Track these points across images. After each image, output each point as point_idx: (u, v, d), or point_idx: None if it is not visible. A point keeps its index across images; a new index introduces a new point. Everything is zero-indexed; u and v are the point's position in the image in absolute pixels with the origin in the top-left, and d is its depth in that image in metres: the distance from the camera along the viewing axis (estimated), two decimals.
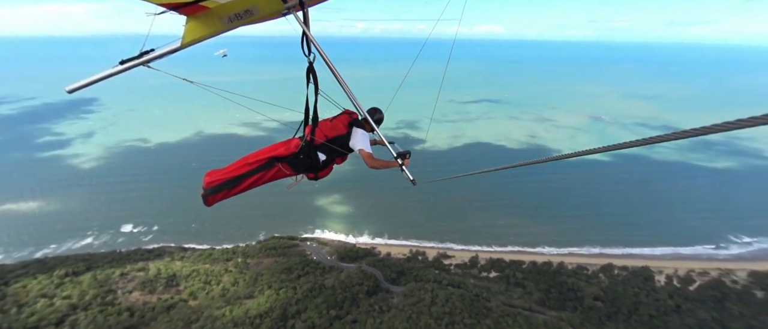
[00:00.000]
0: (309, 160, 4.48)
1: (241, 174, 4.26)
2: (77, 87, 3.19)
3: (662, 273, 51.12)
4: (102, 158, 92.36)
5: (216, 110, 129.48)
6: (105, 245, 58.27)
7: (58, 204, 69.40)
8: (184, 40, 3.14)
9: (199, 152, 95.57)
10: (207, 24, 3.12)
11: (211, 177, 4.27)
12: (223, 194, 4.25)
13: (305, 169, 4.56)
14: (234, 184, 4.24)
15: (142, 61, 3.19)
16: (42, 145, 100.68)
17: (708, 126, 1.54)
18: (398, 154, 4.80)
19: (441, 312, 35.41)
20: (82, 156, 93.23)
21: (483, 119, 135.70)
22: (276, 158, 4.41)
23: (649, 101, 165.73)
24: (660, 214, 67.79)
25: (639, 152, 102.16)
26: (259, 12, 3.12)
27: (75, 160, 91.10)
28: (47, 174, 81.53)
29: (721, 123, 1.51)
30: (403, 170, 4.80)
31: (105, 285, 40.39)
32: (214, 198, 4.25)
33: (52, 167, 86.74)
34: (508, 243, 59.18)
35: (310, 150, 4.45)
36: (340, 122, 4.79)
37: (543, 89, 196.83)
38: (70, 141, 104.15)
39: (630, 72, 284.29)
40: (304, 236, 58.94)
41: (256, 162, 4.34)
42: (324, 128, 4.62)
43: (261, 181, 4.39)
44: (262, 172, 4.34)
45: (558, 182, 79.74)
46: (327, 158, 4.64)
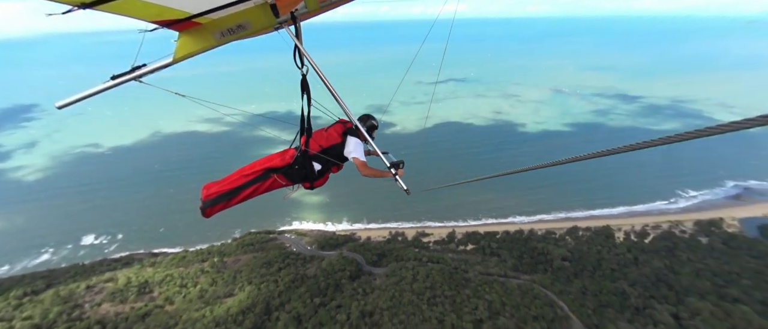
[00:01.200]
0: (304, 170, 4.58)
1: (237, 186, 4.36)
2: (68, 103, 3.10)
3: (621, 230, 55.69)
4: (49, 169, 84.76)
5: (172, 108, 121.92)
6: (65, 259, 54.38)
7: (3, 222, 63.43)
8: (177, 55, 3.13)
9: (160, 154, 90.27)
10: (199, 39, 3.13)
11: (208, 190, 4.36)
12: (221, 205, 4.36)
13: (301, 179, 4.64)
14: (231, 196, 4.35)
15: (134, 76, 3.14)
16: None
17: (724, 124, 1.65)
18: (392, 164, 4.88)
19: (422, 287, 36.65)
20: (26, 168, 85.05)
21: (451, 98, 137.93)
22: (271, 169, 4.49)
23: (604, 71, 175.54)
24: (617, 177, 73.23)
25: (596, 120, 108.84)
26: (252, 27, 3.15)
27: (18, 173, 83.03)
28: None
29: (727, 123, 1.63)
30: (397, 179, 4.89)
31: (70, 301, 37.93)
32: (212, 210, 4.35)
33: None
34: (482, 216, 61.80)
35: (306, 160, 4.54)
36: (334, 131, 4.86)
37: (507, 65, 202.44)
38: (9, 153, 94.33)
39: (587, 45, 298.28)
40: (281, 229, 58.12)
41: (252, 174, 4.43)
42: (319, 138, 4.69)
43: (257, 192, 4.49)
44: (258, 183, 4.44)
45: (523, 156, 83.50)
46: (322, 167, 4.72)
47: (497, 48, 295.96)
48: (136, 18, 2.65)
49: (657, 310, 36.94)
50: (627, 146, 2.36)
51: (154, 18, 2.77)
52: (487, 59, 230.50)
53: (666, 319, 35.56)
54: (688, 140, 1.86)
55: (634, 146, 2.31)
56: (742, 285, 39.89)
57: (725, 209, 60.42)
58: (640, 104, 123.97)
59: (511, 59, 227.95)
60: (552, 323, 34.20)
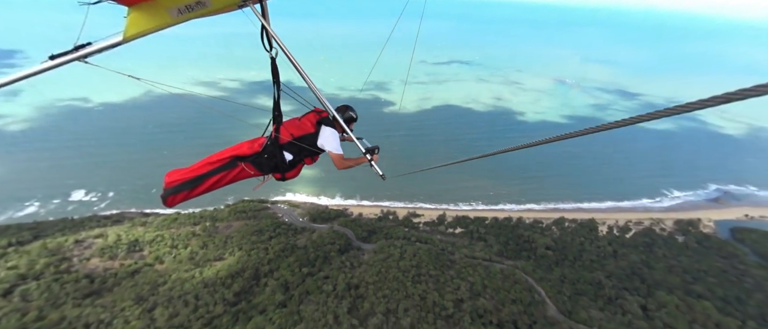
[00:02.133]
0: (274, 159, 4.34)
1: (202, 174, 4.13)
2: (1, 84, 2.90)
3: (605, 224, 57.38)
4: (33, 120, 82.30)
5: (168, 66, 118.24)
6: (53, 213, 54.09)
7: None
8: (127, 34, 2.80)
9: (153, 114, 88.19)
10: (152, 16, 2.78)
11: (171, 177, 4.12)
12: (183, 194, 4.12)
13: (270, 169, 4.42)
14: (195, 184, 4.11)
15: (78, 56, 2.86)
16: None
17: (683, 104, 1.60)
18: (367, 149, 4.70)
19: (408, 265, 37.63)
20: (8, 117, 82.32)
21: (453, 81, 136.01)
22: (239, 157, 4.26)
23: (608, 65, 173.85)
24: (608, 172, 74.55)
25: (594, 114, 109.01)
26: (212, 4, 2.80)
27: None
28: None
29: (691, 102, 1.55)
30: (373, 165, 4.72)
31: (58, 254, 38.13)
32: (174, 199, 4.10)
33: None
34: (474, 202, 62.77)
35: (275, 149, 4.31)
36: (307, 120, 4.59)
37: (512, 51, 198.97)
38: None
39: (594, 36, 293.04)
40: (275, 199, 58.33)
41: (218, 162, 4.20)
42: (290, 127, 4.42)
43: (223, 181, 4.26)
44: (224, 172, 4.20)
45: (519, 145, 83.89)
46: (294, 157, 4.48)
47: (505, 32, 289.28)
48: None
49: (628, 301, 38.88)
50: (569, 134, 2.33)
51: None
52: (493, 43, 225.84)
53: (635, 310, 37.55)
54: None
55: (572, 134, 2.33)
56: (707, 283, 42.27)
57: (704, 210, 62.83)
58: (638, 101, 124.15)
59: (518, 45, 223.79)
60: (529, 307, 35.70)
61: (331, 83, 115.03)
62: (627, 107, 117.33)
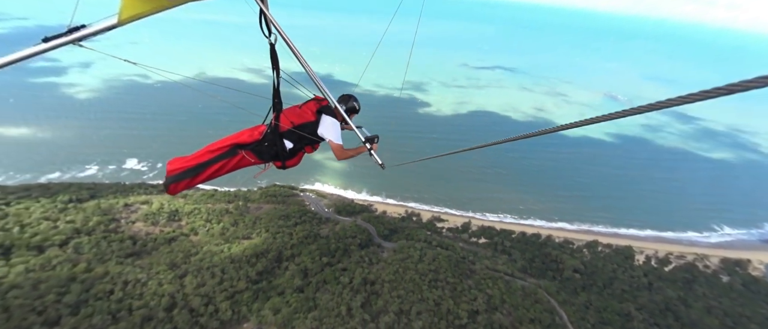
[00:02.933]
0: (274, 147, 4.32)
1: (203, 162, 4.13)
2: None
3: (643, 253, 53.37)
4: (99, 91, 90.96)
5: (221, 51, 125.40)
6: (108, 176, 59.73)
7: (52, 132, 69.70)
8: (122, 16, 2.65)
9: (203, 95, 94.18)
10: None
11: (173, 165, 4.13)
12: (185, 182, 4.13)
13: (271, 157, 4.40)
14: (196, 172, 4.11)
15: (72, 38, 2.73)
16: (35, 70, 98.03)
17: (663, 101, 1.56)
18: (366, 138, 4.67)
19: (426, 269, 37.33)
20: (78, 86, 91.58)
21: (494, 86, 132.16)
22: (239, 145, 4.25)
23: (667, 84, 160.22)
24: (653, 199, 68.98)
25: (644, 135, 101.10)
26: None
27: (70, 89, 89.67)
28: (41, 101, 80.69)
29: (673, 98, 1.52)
30: (372, 154, 4.65)
31: (109, 214, 42.05)
32: (176, 187, 4.12)
33: (46, 94, 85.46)
34: (502, 213, 60.82)
35: (275, 137, 4.28)
36: (308, 108, 4.58)
37: (561, 60, 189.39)
38: (65, 69, 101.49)
39: (654, 52, 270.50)
40: (304, 187, 60.25)
41: (219, 150, 4.19)
42: (291, 115, 4.41)
43: (224, 169, 4.25)
44: (225, 160, 4.19)
45: (560, 160, 79.91)
46: (295, 146, 4.47)
47: (556, 39, 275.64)
48: None
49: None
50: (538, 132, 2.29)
51: None
52: (542, 50, 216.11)
53: None
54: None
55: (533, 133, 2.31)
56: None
57: (755, 251, 56.91)
58: (695, 125, 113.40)
59: (568, 54, 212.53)
60: (548, 328, 34.14)
61: (370, 80, 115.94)
62: (682, 131, 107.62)
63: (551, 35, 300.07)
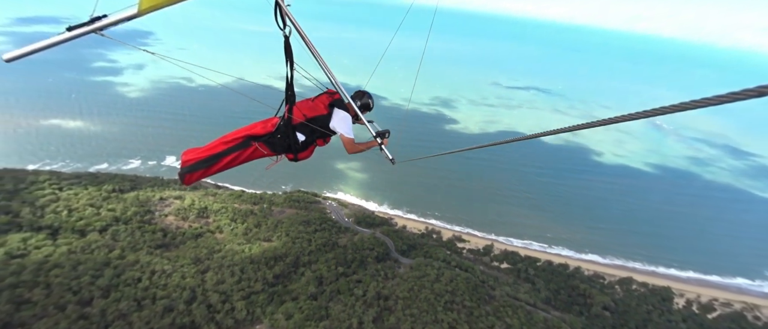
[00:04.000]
0: (287, 140, 4.37)
1: (217, 153, 4.21)
2: (17, 55, 2.89)
3: (683, 296, 48.81)
4: (147, 91, 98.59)
5: (258, 59, 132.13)
6: (149, 170, 63.95)
7: (103, 126, 76.01)
8: (142, 6, 2.74)
9: (240, 99, 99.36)
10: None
11: (188, 156, 4.20)
12: (200, 173, 4.21)
13: (283, 149, 4.45)
14: (210, 163, 4.19)
15: (94, 28, 2.84)
16: (95, 69, 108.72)
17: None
18: (377, 133, 4.68)
19: (443, 289, 36.19)
20: (131, 86, 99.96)
21: (525, 107, 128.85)
22: (252, 136, 4.32)
23: (721, 115, 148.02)
24: (700, 239, 63.16)
25: (691, 168, 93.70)
26: None
27: (124, 88, 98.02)
28: (97, 98, 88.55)
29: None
30: (383, 148, 4.65)
31: (145, 206, 44.80)
32: (191, 177, 4.20)
33: (102, 92, 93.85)
34: (527, 238, 58.15)
35: (288, 130, 4.33)
36: (320, 102, 4.62)
37: (601, 84, 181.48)
38: (121, 69, 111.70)
39: (710, 80, 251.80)
40: (326, 195, 61.17)
41: (233, 141, 4.27)
42: (303, 108, 4.46)
43: (237, 161, 4.33)
44: (238, 151, 4.27)
45: (595, 187, 75.79)
46: (307, 138, 4.51)
47: (597, 62, 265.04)
48: None
49: None
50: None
51: None
52: (580, 73, 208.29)
53: None
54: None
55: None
56: None
57: None
58: (750, 162, 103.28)
59: (609, 78, 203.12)
60: None
61: (399, 94, 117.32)
62: (734, 167, 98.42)
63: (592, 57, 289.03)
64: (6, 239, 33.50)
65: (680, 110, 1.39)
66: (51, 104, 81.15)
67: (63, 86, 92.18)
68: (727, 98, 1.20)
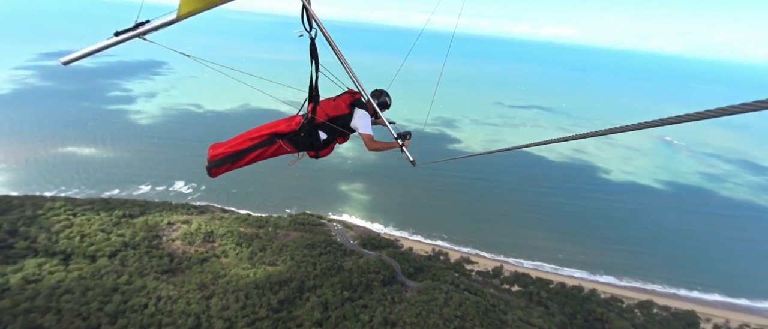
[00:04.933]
0: (310, 138, 4.52)
1: (243, 149, 4.37)
2: (73, 58, 3.15)
3: (710, 321, 46.19)
4: (157, 117, 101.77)
5: (264, 85, 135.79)
6: (159, 195, 64.88)
7: (114, 153, 78.19)
8: (181, 12, 2.97)
9: (247, 123, 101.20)
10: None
11: (215, 150, 4.38)
12: (226, 167, 4.38)
13: (306, 147, 4.59)
14: (237, 158, 4.35)
15: (138, 33, 3.09)
16: (111, 98, 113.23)
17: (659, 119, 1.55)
18: (398, 135, 4.79)
19: (452, 314, 35.00)
20: (143, 113, 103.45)
21: (529, 126, 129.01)
22: (277, 134, 4.47)
23: (735, 130, 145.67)
24: (723, 260, 60.48)
25: (704, 185, 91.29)
26: None
27: (136, 116, 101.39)
28: (112, 126, 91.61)
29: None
30: (404, 151, 4.77)
31: (153, 231, 45.11)
32: (217, 170, 4.39)
33: (116, 119, 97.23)
34: (538, 260, 56.46)
35: (311, 128, 4.48)
36: (342, 101, 4.75)
37: (607, 102, 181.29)
38: (135, 98, 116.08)
39: (723, 96, 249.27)
40: (331, 217, 60.91)
41: (259, 138, 4.43)
42: (326, 107, 4.60)
43: (263, 156, 4.49)
44: (263, 148, 4.43)
45: (607, 206, 74.13)
46: (328, 137, 4.65)
47: (602, 81, 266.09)
48: None
49: None
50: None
51: None
52: (585, 92, 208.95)
53: None
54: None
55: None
56: None
57: None
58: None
59: (615, 96, 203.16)
60: None
61: (401, 115, 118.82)
62: (752, 183, 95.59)
63: (597, 77, 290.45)
64: (24, 264, 34.01)
65: (689, 121, 1.44)
66: (68, 132, 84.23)
67: (80, 115, 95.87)
68: (739, 109, 1.22)
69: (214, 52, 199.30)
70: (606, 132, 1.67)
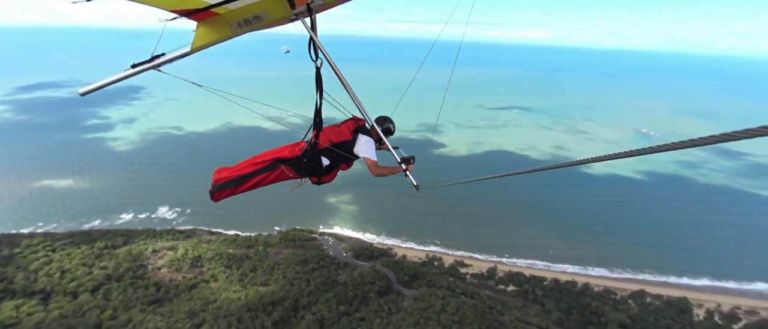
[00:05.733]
0: (312, 164, 4.60)
1: (246, 173, 4.46)
2: (90, 89, 3.34)
3: (702, 306, 47.11)
4: (137, 143, 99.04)
5: (247, 103, 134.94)
6: (142, 223, 62.69)
7: (92, 183, 75.31)
8: (194, 45, 3.24)
9: (231, 143, 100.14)
10: (217, 29, 3.22)
11: (219, 175, 4.48)
12: (229, 191, 4.47)
13: (308, 172, 4.67)
14: (240, 182, 4.44)
15: (153, 65, 3.30)
16: (88, 127, 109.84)
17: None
18: (402, 159, 4.81)
19: (450, 320, 34.79)
20: (120, 139, 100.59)
21: (510, 126, 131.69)
22: (280, 159, 4.57)
23: (705, 118, 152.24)
24: (707, 243, 62.13)
25: (682, 173, 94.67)
26: (268, 18, 3.24)
27: (114, 143, 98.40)
28: (90, 155, 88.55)
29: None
30: (407, 175, 4.78)
31: (138, 260, 43.52)
32: (220, 195, 4.48)
33: (94, 148, 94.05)
34: (531, 257, 56.91)
35: (314, 154, 4.57)
36: (346, 127, 4.86)
37: (584, 99, 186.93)
38: (113, 125, 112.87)
39: (689, 86, 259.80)
40: (322, 231, 60.14)
41: (262, 163, 4.52)
42: (329, 133, 4.70)
43: (265, 181, 4.57)
44: (266, 173, 4.51)
45: (592, 200, 75.71)
46: (331, 163, 4.72)
47: (578, 80, 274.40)
48: (155, 6, 2.80)
49: None
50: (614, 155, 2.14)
51: (174, 7, 2.92)
52: (561, 90, 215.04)
53: None
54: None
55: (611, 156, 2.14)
56: None
57: None
58: (744, 161, 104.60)
59: (592, 93, 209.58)
60: None
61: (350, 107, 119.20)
62: (728, 168, 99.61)
63: (575, 76, 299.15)
64: (0, 308, 32.11)
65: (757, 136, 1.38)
66: (44, 165, 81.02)
67: (57, 147, 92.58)
68: None
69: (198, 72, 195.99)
70: (679, 146, 1.64)
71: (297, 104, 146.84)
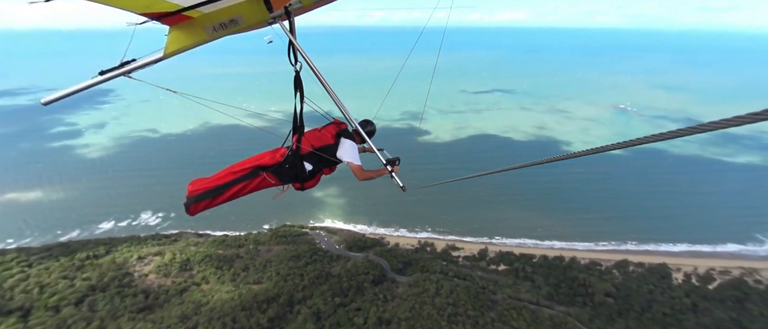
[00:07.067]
0: (294, 169, 4.44)
1: (225, 183, 4.22)
2: (54, 98, 3.12)
3: (680, 270, 49.64)
4: (110, 149, 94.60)
5: (225, 100, 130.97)
6: (124, 230, 60.55)
7: (64, 193, 71.84)
8: (167, 50, 3.07)
9: (212, 143, 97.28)
10: (191, 34, 3.06)
11: (194, 186, 4.22)
12: (206, 203, 4.21)
13: (291, 179, 4.52)
14: (217, 193, 4.20)
15: (123, 71, 3.11)
16: (54, 135, 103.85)
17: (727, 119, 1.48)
18: (387, 161, 4.70)
19: (445, 302, 35.44)
20: (91, 146, 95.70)
21: (493, 109, 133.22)
22: (261, 167, 4.37)
23: (676, 91, 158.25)
24: (682, 211, 65.38)
25: (657, 146, 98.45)
26: (245, 21, 3.08)
27: (84, 150, 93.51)
28: (56, 164, 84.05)
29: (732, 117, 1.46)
30: (393, 176, 4.67)
31: (123, 268, 42.10)
32: (196, 207, 4.20)
33: (62, 156, 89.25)
34: (520, 236, 58.44)
35: (296, 160, 4.41)
36: (327, 132, 4.71)
37: (563, 79, 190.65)
38: (81, 131, 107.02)
39: (660, 61, 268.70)
40: (313, 225, 59.75)
41: (241, 171, 4.31)
42: (311, 138, 4.55)
43: (245, 190, 4.35)
44: (246, 181, 4.31)
45: (573, 178, 77.84)
46: (313, 168, 4.58)
47: (555, 60, 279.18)
48: (124, 9, 2.58)
49: None
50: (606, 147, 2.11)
51: (144, 10, 2.69)
52: (541, 71, 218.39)
53: None
54: (708, 134, 1.53)
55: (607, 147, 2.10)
56: None
57: None
58: (712, 132, 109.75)
59: (569, 72, 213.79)
60: None
61: (371, 114, 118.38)
62: (699, 138, 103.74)
63: (553, 57, 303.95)
64: None
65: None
66: (8, 178, 76.45)
67: (21, 158, 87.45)
68: None
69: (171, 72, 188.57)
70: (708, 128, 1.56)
71: (277, 100, 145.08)
